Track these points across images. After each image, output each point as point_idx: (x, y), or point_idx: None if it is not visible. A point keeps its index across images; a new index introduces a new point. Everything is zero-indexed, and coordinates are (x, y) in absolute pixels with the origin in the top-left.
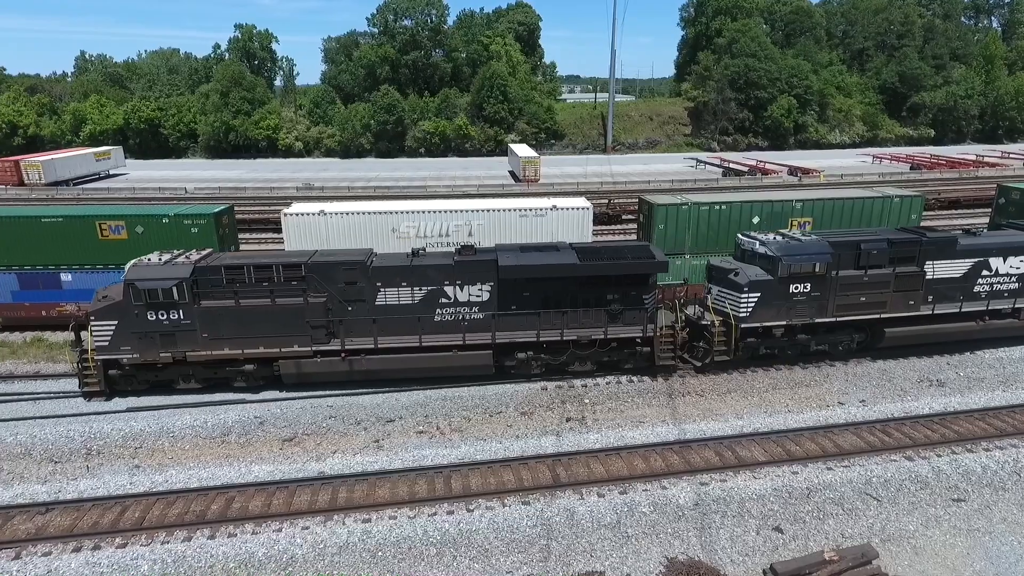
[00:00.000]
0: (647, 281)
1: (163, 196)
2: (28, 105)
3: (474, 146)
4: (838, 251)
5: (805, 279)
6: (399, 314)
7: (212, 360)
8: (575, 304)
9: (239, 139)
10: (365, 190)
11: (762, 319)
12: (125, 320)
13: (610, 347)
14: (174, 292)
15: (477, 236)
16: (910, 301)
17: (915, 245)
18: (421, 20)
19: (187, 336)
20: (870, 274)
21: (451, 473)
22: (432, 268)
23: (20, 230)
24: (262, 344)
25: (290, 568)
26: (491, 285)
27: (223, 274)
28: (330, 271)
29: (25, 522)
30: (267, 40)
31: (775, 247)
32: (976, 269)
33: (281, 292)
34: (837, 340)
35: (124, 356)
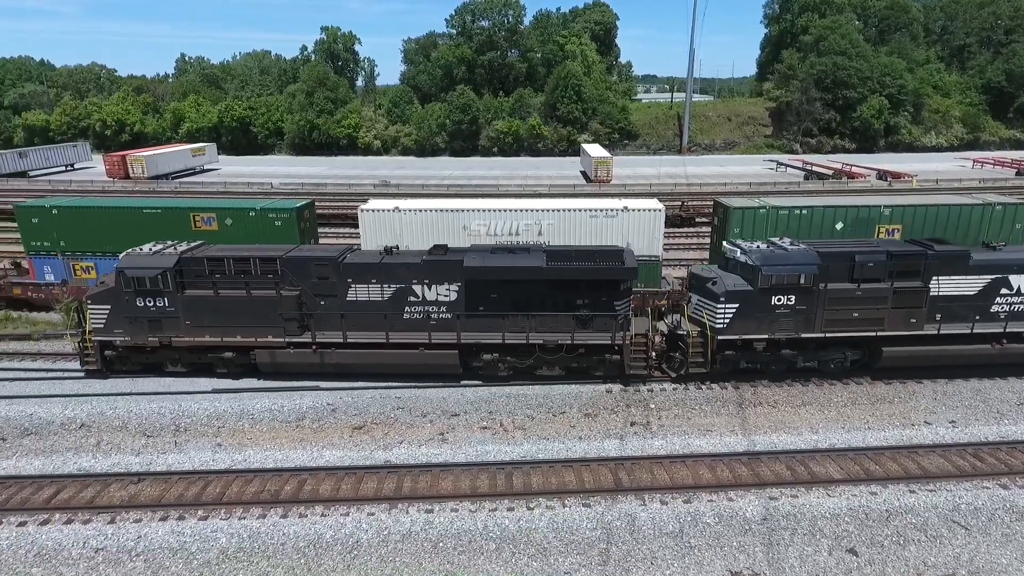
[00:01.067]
0: (618, 287)
1: (251, 191)
2: (135, 104)
3: (546, 146)
4: (827, 262)
5: (789, 291)
6: (369, 310)
7: (195, 346)
8: (544, 308)
9: (322, 137)
10: (439, 188)
11: (741, 331)
12: (117, 305)
13: (578, 353)
14: (159, 280)
15: (547, 236)
16: (911, 319)
17: (918, 258)
18: (498, 21)
19: (172, 322)
20: (864, 288)
21: (513, 470)
22: (401, 266)
23: (124, 220)
24: (239, 333)
25: (355, 552)
26: (458, 285)
27: (205, 265)
28: (303, 266)
29: (119, 490)
30: (350, 42)
31: (756, 256)
32: (994, 287)
33: (257, 285)
34: (828, 358)
35: (117, 338)
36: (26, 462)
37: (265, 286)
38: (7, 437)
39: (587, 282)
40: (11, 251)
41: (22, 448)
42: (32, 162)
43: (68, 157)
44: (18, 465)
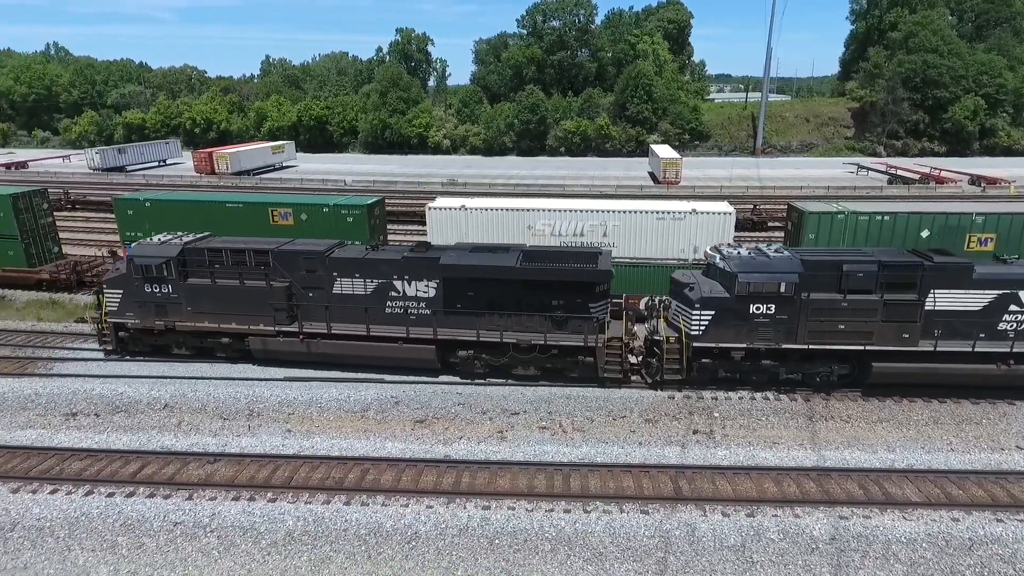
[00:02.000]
0: (593, 290)
1: (325, 187)
2: (221, 104)
3: (614, 146)
4: (812, 271)
5: (769, 300)
6: (352, 304)
7: (196, 331)
8: (519, 308)
9: (394, 136)
10: (505, 187)
11: (717, 339)
12: (128, 290)
13: (551, 354)
14: (164, 268)
15: (612, 237)
16: (904, 334)
17: (914, 270)
18: (569, 21)
19: (175, 308)
20: (851, 299)
21: (570, 472)
22: (383, 262)
23: (209, 213)
24: (234, 321)
25: (413, 543)
26: (437, 282)
27: (206, 255)
28: (292, 259)
29: (197, 468)
30: (423, 43)
31: (735, 262)
32: (1001, 303)
33: (250, 275)
34: (813, 371)
35: (128, 321)
36: (116, 437)
37: (258, 277)
38: (100, 413)
39: (561, 283)
40: (110, 240)
41: (112, 424)
42: (129, 158)
43: (161, 153)
44: (109, 440)
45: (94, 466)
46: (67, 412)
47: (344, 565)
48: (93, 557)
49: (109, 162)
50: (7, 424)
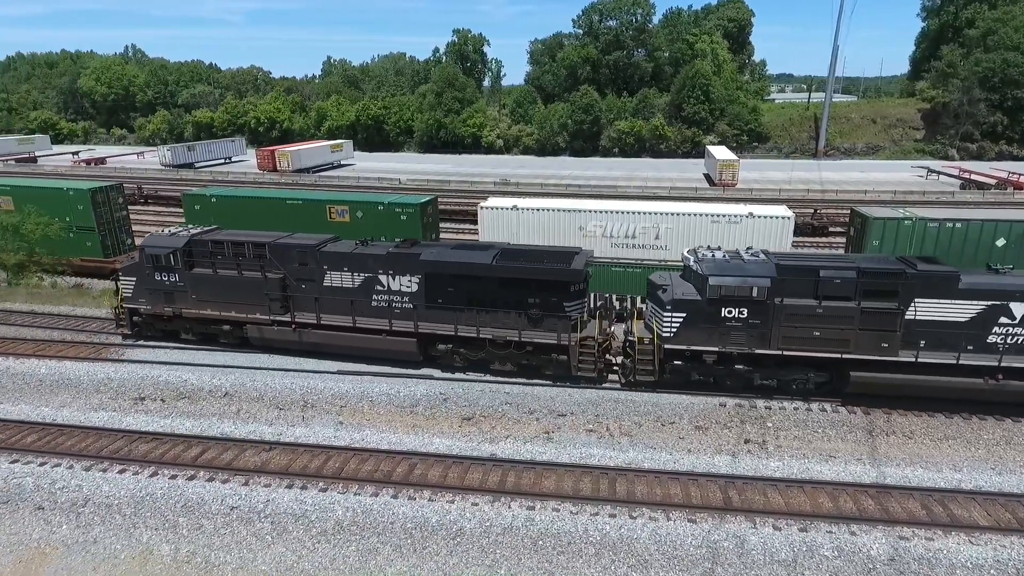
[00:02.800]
0: (568, 289)
1: (381, 186)
2: (284, 104)
3: (669, 147)
4: (786, 276)
5: (741, 303)
6: (341, 296)
7: (200, 318)
8: (496, 305)
9: (448, 136)
10: (557, 187)
11: (689, 342)
12: (140, 278)
13: (526, 350)
14: (171, 258)
15: (664, 239)
16: (883, 343)
17: (894, 278)
18: (626, 20)
19: (182, 296)
20: (827, 306)
21: (617, 476)
22: (370, 257)
23: (270, 209)
24: (234, 309)
25: (458, 539)
26: (419, 278)
27: (209, 247)
28: (286, 252)
29: (254, 455)
30: (479, 44)
31: (707, 265)
32: (990, 315)
33: (248, 267)
34: (789, 377)
35: (141, 306)
36: (179, 422)
37: (255, 268)
38: (166, 399)
39: (536, 281)
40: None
41: (177, 410)
42: (198, 155)
43: (227, 151)
44: (173, 424)
45: (159, 449)
46: (136, 396)
47: (391, 557)
48: (156, 535)
49: (179, 159)
50: (82, 405)
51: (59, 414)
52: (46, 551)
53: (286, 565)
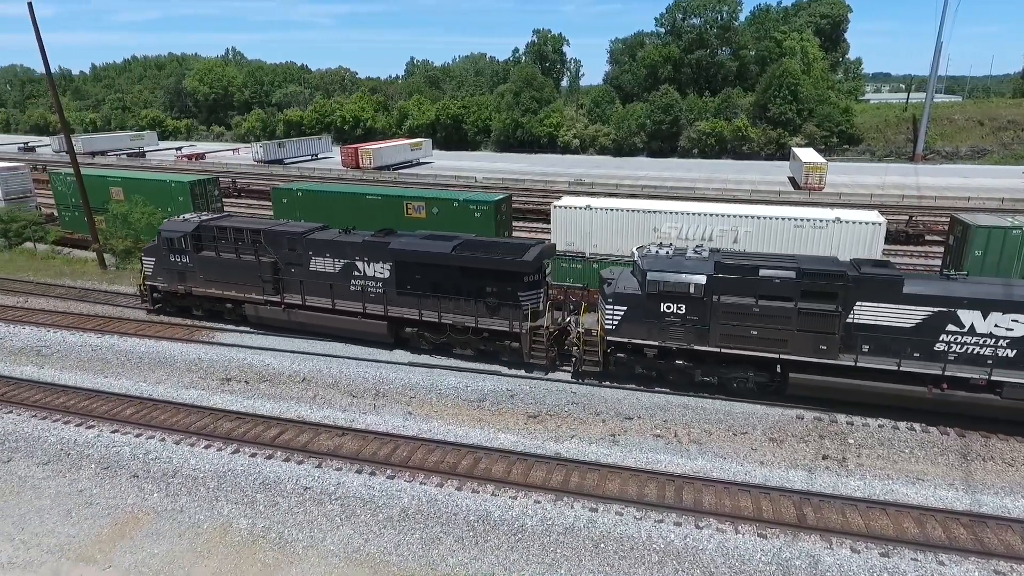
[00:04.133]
0: (521, 279)
1: (457, 183)
2: (368, 103)
3: (752, 149)
4: (725, 274)
5: (679, 299)
6: (323, 280)
7: (207, 296)
8: (458, 292)
9: (524, 135)
10: (633, 188)
11: (629, 335)
12: (159, 258)
13: (483, 336)
14: (183, 241)
15: (743, 243)
16: (821, 345)
17: (835, 279)
18: (710, 18)
19: (192, 276)
20: (763, 305)
21: (684, 484)
22: (348, 244)
23: (351, 204)
24: (234, 289)
25: (519, 535)
26: (390, 265)
27: (214, 232)
28: (277, 239)
29: (327, 440)
30: (559, 43)
31: (648, 261)
32: (937, 322)
33: (245, 251)
34: (730, 376)
35: (159, 284)
36: (260, 404)
37: (251, 253)
38: (250, 381)
39: (492, 271)
40: None
41: (259, 392)
42: (288, 151)
43: (314, 148)
44: (255, 405)
45: (241, 427)
46: (223, 377)
47: (452, 547)
48: (235, 509)
49: (270, 155)
50: (175, 383)
51: (155, 390)
52: (139, 516)
53: (353, 547)
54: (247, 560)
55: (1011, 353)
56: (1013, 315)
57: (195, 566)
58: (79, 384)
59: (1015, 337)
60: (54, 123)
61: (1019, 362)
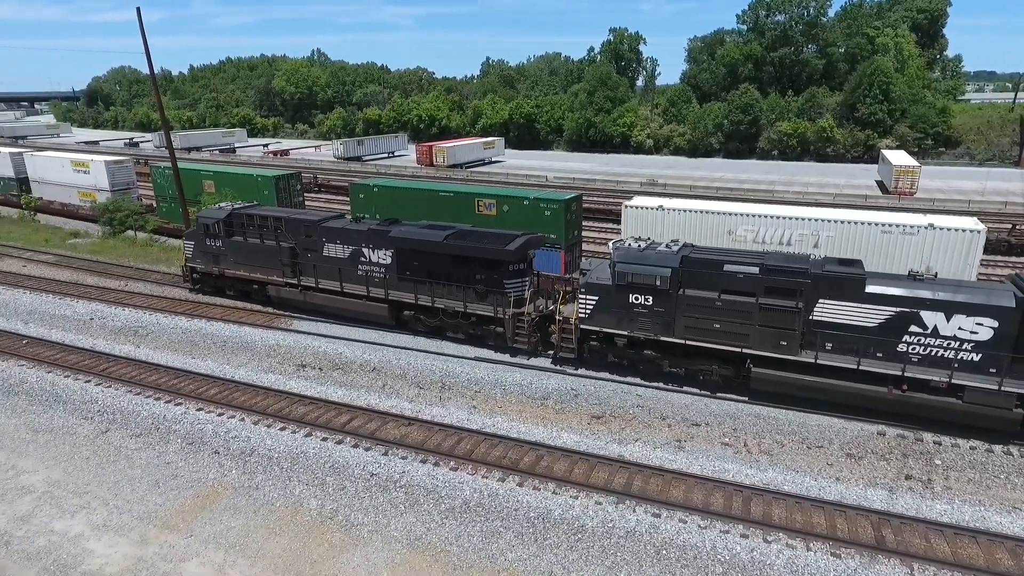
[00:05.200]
0: (506, 268)
1: (528, 182)
2: (444, 102)
3: (837, 151)
4: (691, 268)
5: (646, 291)
6: (334, 264)
7: (237, 277)
8: (450, 279)
9: (597, 135)
10: (707, 190)
11: (601, 324)
12: (197, 242)
13: (472, 321)
14: (216, 227)
15: (825, 249)
16: (781, 341)
17: (796, 276)
18: (796, 14)
19: (224, 259)
20: (726, 300)
21: (752, 495)
22: (356, 232)
23: (424, 200)
24: (259, 271)
25: (579, 536)
26: (392, 252)
27: (243, 219)
28: (296, 226)
29: (394, 429)
30: (635, 42)
31: (619, 253)
32: (899, 322)
33: (268, 237)
34: (696, 368)
35: (198, 265)
36: (332, 390)
37: (273, 239)
38: (323, 368)
39: (480, 260)
40: None
41: (331, 379)
42: (366, 149)
43: (390, 146)
44: (327, 391)
45: (314, 412)
46: (299, 363)
47: (512, 542)
48: (306, 490)
49: (350, 152)
50: (255, 367)
51: (236, 372)
52: (218, 490)
53: (415, 535)
54: (315, 540)
55: (975, 357)
56: (977, 318)
57: (268, 541)
58: (170, 364)
59: (979, 341)
60: (156, 121)
61: (983, 366)
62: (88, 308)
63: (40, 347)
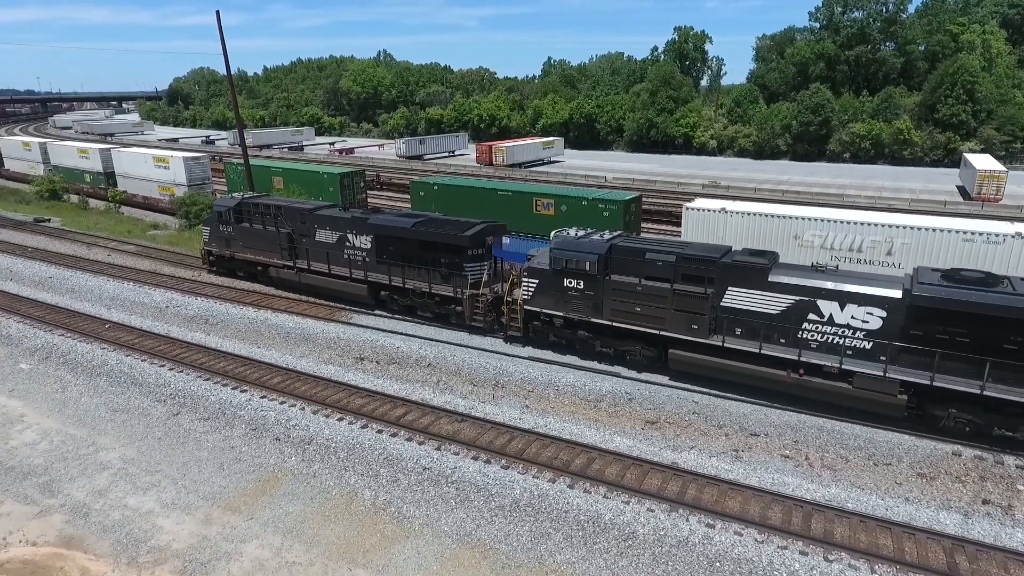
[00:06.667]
0: (465, 252)
1: (586, 182)
2: (505, 102)
3: (914, 154)
4: (617, 255)
5: (578, 276)
6: (324, 249)
7: (245, 260)
8: (419, 262)
9: (658, 135)
10: (772, 193)
11: (541, 306)
12: (213, 228)
13: (436, 300)
14: (228, 215)
15: (899, 257)
16: (693, 325)
17: (706, 264)
18: (874, 11)
19: (234, 243)
20: (646, 285)
21: (813, 511)
22: (341, 219)
23: (483, 198)
24: (263, 255)
25: (630, 542)
26: (371, 237)
27: (250, 207)
28: (292, 213)
29: (447, 424)
30: (701, 41)
31: (557, 240)
32: (799, 310)
33: (270, 223)
34: (624, 348)
35: (213, 249)
36: (388, 384)
37: (274, 225)
38: (380, 361)
39: (442, 244)
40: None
41: (388, 373)
42: (427, 148)
43: (451, 145)
44: (383, 385)
45: (370, 404)
46: (357, 356)
47: (561, 544)
48: (360, 480)
49: (412, 151)
50: (316, 358)
51: (298, 363)
52: (278, 476)
53: (465, 531)
54: (368, 529)
55: (867, 345)
56: (868, 308)
57: (323, 528)
58: (237, 352)
59: (870, 329)
60: (231, 119)
61: (874, 354)
62: (164, 296)
63: (120, 331)
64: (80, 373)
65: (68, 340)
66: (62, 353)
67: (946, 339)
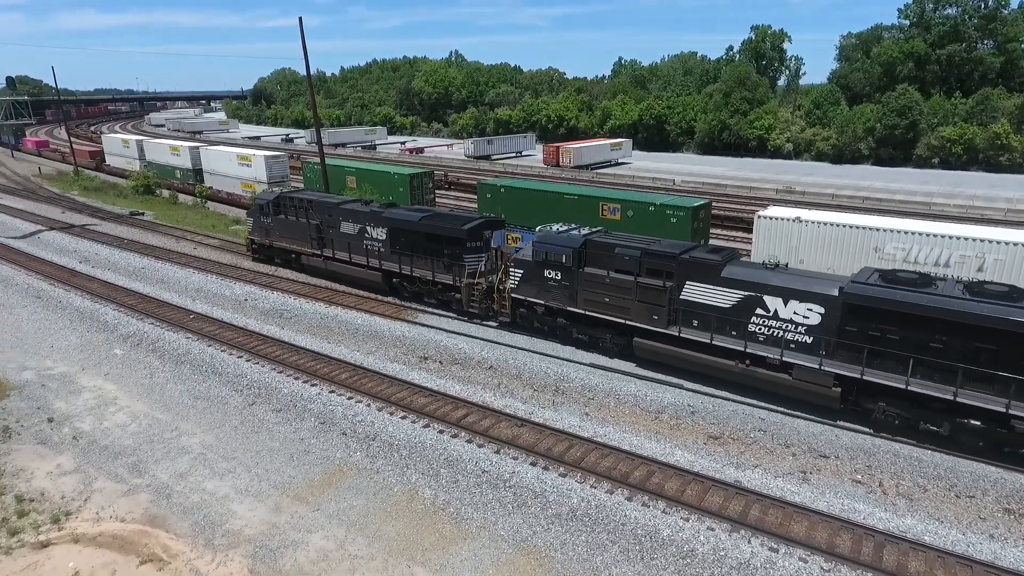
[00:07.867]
0: (464, 244)
1: (654, 186)
2: (573, 103)
3: (1013, 160)
4: (591, 249)
5: (556, 267)
6: (347, 239)
7: (281, 248)
8: (426, 253)
9: (731, 137)
10: (852, 200)
11: (525, 294)
12: (255, 219)
13: (439, 288)
14: (267, 208)
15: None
16: (653, 316)
17: (666, 259)
18: (970, 8)
19: (272, 232)
20: (613, 277)
21: (885, 542)
22: (362, 213)
23: (549, 202)
24: (296, 244)
25: (688, 560)
26: (386, 229)
27: (287, 200)
28: (321, 207)
29: (507, 428)
30: (779, 40)
31: (540, 234)
32: (747, 304)
33: (303, 215)
34: (597, 336)
35: (255, 238)
36: (451, 385)
37: (306, 216)
38: (443, 362)
39: (444, 237)
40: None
41: (450, 373)
42: (495, 148)
43: (518, 146)
44: (446, 385)
45: (433, 404)
46: (421, 356)
47: (617, 558)
48: (421, 479)
49: (480, 151)
50: (382, 356)
51: (366, 359)
52: (344, 470)
53: (521, 536)
54: (427, 528)
55: (808, 339)
56: (809, 304)
57: (384, 524)
58: (308, 346)
59: (810, 325)
60: (309, 118)
61: (813, 348)
62: (244, 290)
63: (203, 322)
64: (167, 360)
65: (157, 328)
66: (151, 341)
67: (878, 336)
